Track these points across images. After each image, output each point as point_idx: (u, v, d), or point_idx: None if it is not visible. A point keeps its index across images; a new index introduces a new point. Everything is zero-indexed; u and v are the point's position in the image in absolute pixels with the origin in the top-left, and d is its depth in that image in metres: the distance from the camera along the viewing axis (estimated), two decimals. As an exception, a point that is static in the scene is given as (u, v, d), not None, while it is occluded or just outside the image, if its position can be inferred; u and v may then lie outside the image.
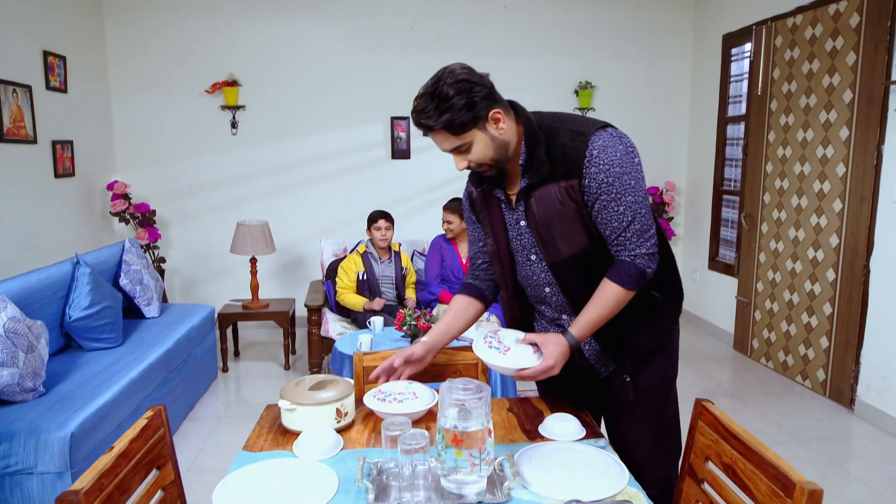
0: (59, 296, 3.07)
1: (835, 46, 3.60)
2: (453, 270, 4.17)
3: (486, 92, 1.45)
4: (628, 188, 1.48)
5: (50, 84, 3.95)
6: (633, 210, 1.49)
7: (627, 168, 1.47)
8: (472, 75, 1.45)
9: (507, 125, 1.49)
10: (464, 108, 1.41)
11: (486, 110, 1.45)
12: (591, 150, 1.46)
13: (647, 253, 1.52)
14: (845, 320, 3.60)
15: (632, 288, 1.53)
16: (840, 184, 3.60)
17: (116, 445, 1.30)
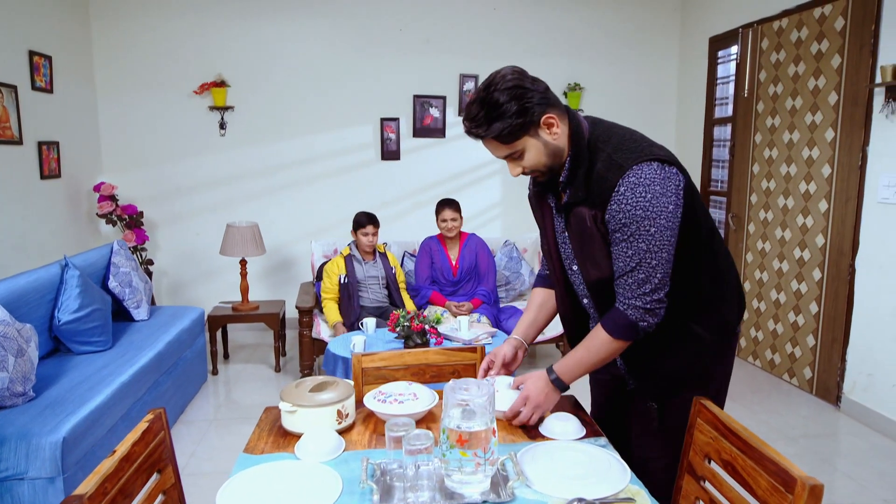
0: (48, 299, 3.03)
1: (820, 49, 3.66)
2: (443, 272, 4.16)
3: (540, 97, 1.41)
4: (644, 234, 1.38)
5: (36, 84, 3.90)
6: (640, 257, 1.40)
7: (652, 213, 1.37)
8: (525, 80, 1.41)
9: (562, 130, 1.45)
10: (515, 114, 1.37)
11: (539, 116, 1.41)
12: (621, 185, 1.38)
13: (641, 306, 1.44)
14: (831, 319, 3.66)
15: (620, 338, 1.48)
16: (826, 184, 3.66)
17: (118, 449, 1.28)
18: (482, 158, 5.15)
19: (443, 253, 4.19)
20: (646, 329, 1.48)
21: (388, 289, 4.11)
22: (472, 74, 5.10)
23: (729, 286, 1.59)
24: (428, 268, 4.21)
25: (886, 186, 3.25)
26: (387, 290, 4.11)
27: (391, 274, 4.12)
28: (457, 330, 3.39)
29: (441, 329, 3.37)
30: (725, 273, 1.58)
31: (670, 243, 1.42)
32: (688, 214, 1.45)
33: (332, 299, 4.00)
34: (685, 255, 1.47)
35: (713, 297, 1.55)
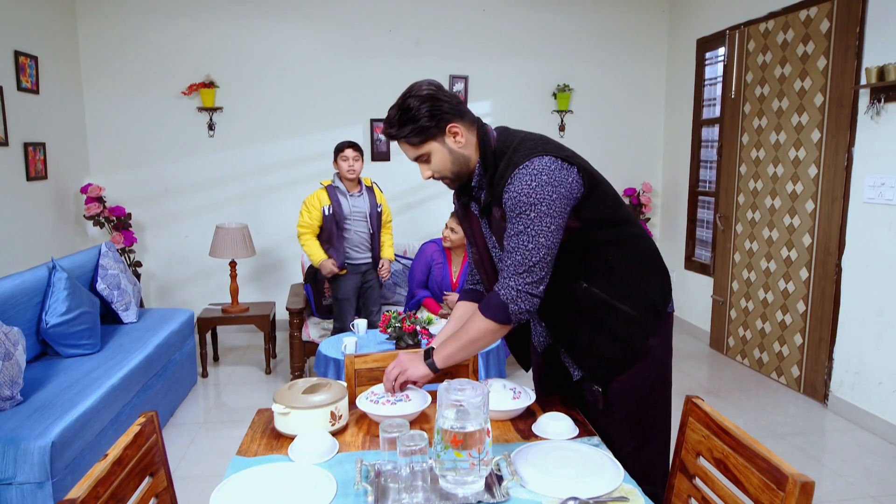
0: (35, 301, 3.00)
1: (806, 51, 3.70)
2: (440, 285, 3.97)
3: (449, 107, 1.52)
4: (524, 217, 1.47)
5: (21, 85, 3.86)
6: (517, 240, 1.49)
7: (534, 199, 1.46)
8: (439, 92, 1.54)
9: (467, 139, 1.57)
10: (423, 118, 1.50)
11: (445, 124, 1.53)
12: (513, 179, 1.49)
13: (514, 287, 1.50)
14: (818, 317, 3.70)
15: (489, 317, 1.54)
16: (812, 185, 3.70)
17: (111, 452, 1.28)
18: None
19: (445, 266, 3.97)
20: (517, 315, 1.53)
21: (372, 227, 3.85)
22: (461, 75, 5.11)
23: (649, 268, 1.67)
24: (424, 274, 4.03)
25: (872, 187, 3.29)
26: (370, 229, 3.85)
27: (377, 211, 3.87)
28: (448, 331, 3.38)
29: (433, 330, 3.37)
30: (645, 257, 1.67)
31: (549, 230, 1.49)
32: (593, 206, 1.56)
33: (311, 233, 3.74)
34: (600, 243, 1.59)
35: (634, 278, 1.63)
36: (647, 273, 1.66)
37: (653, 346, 1.65)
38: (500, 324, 1.55)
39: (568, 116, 5.30)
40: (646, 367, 1.65)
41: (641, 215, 5.35)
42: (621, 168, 5.45)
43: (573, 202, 1.52)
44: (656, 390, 1.69)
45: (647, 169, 5.52)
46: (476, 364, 1.95)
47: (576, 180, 1.52)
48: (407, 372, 1.67)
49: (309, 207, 3.77)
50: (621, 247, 1.63)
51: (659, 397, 1.70)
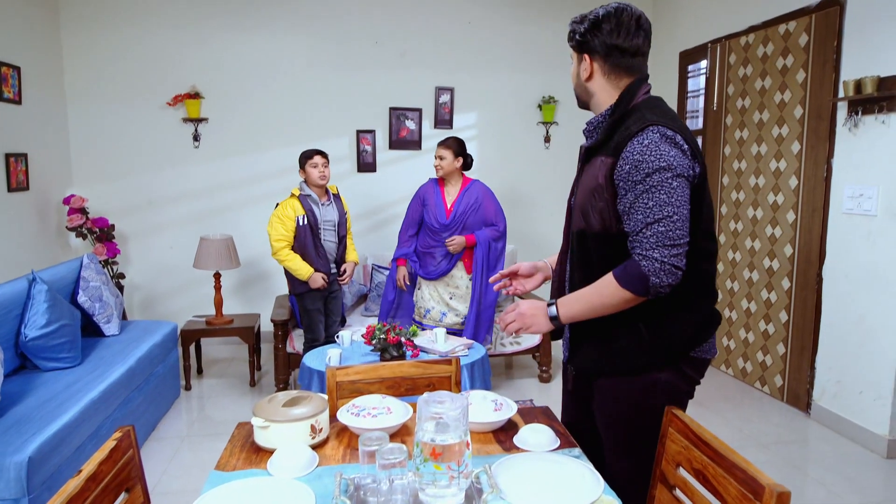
0: (14, 314, 2.96)
1: (785, 64, 3.76)
2: (436, 216, 3.78)
3: (599, 43, 1.55)
4: (666, 187, 1.41)
5: (3, 95, 3.83)
6: (661, 210, 1.41)
7: (674, 165, 1.42)
8: (615, 27, 1.54)
9: (596, 78, 1.60)
10: (577, 32, 1.59)
11: (582, 51, 1.59)
12: (644, 135, 1.44)
13: (658, 258, 1.41)
14: (800, 327, 3.74)
15: (627, 287, 1.44)
16: (793, 196, 3.75)
17: (85, 468, 1.26)
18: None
19: (439, 194, 3.80)
20: (657, 288, 1.43)
21: (339, 236, 3.82)
22: (447, 87, 5.13)
23: (692, 306, 1.55)
24: (417, 213, 3.85)
25: (850, 198, 3.34)
26: (338, 238, 3.81)
27: (343, 219, 3.84)
28: (433, 342, 3.38)
29: (417, 341, 3.36)
30: (696, 294, 1.55)
31: (688, 202, 1.44)
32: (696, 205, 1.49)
33: (289, 246, 3.64)
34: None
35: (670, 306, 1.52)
36: (687, 310, 1.54)
37: (656, 379, 1.57)
38: (637, 295, 1.45)
39: (553, 128, 5.34)
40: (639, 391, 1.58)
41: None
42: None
43: (692, 181, 1.47)
44: (647, 418, 1.58)
45: (631, 180, 5.55)
46: (458, 376, 1.95)
47: (689, 160, 1.47)
48: (530, 328, 1.61)
49: (283, 218, 3.62)
50: (690, 273, 1.49)
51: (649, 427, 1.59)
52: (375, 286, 4.53)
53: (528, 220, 5.43)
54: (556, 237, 5.75)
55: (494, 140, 5.29)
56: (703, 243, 1.54)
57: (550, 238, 5.51)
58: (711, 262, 1.59)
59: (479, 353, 3.33)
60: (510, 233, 5.35)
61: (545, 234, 5.48)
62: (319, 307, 3.76)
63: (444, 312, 3.84)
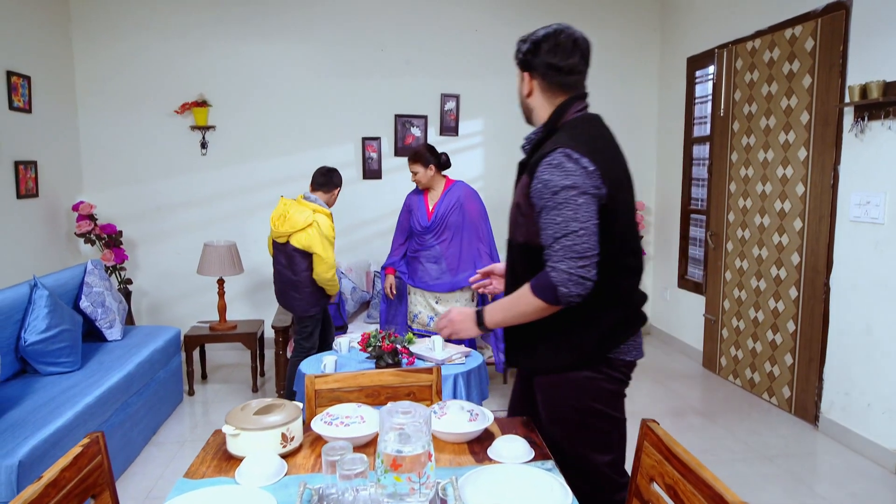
0: (15, 319, 3.00)
1: (791, 69, 3.69)
2: (419, 220, 3.79)
3: (539, 62, 1.68)
4: (572, 204, 1.52)
5: (13, 104, 3.91)
6: (567, 225, 1.52)
7: (571, 185, 1.52)
8: (552, 47, 1.68)
9: (535, 95, 1.71)
10: (521, 51, 1.72)
11: (523, 69, 1.71)
12: (550, 157, 1.55)
13: (565, 270, 1.51)
14: (808, 337, 3.65)
15: (537, 295, 1.56)
16: (800, 203, 3.67)
17: (46, 474, 1.26)
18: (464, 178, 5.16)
19: (422, 199, 3.81)
20: (567, 297, 1.52)
21: None
22: (452, 94, 5.13)
23: (604, 317, 1.65)
24: (406, 222, 3.87)
25: (858, 205, 3.26)
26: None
27: None
28: (431, 350, 3.36)
29: (414, 349, 3.34)
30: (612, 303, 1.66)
31: (595, 218, 1.54)
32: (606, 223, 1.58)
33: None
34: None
35: (585, 312, 1.62)
36: (598, 316, 1.64)
37: (579, 377, 1.68)
38: (549, 304, 1.56)
39: (560, 134, 5.30)
40: (566, 388, 1.69)
41: (634, 233, 5.32)
42: (614, 186, 5.44)
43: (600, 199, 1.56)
44: (580, 415, 1.69)
45: (640, 187, 5.45)
46: (440, 385, 1.93)
47: (601, 189, 1.56)
48: (460, 333, 1.76)
49: (332, 240, 3.56)
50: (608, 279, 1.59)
51: (590, 426, 1.69)
52: (378, 293, 4.53)
53: (534, 228, 5.39)
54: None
55: (500, 147, 5.26)
56: (624, 259, 1.64)
57: (557, 245, 5.46)
58: (632, 277, 1.71)
59: (476, 360, 3.30)
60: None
61: (552, 241, 5.43)
62: (320, 317, 3.77)
63: (431, 317, 3.82)
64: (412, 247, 3.88)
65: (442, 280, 3.76)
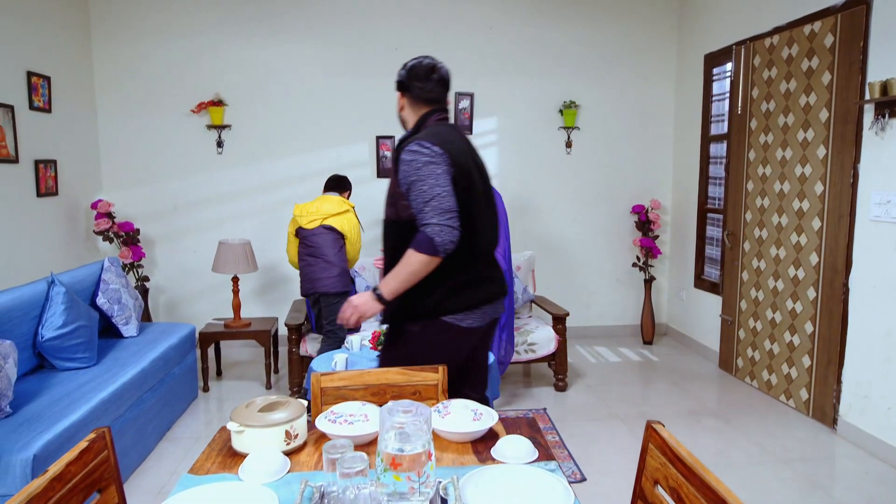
0: (32, 315, 3.05)
1: (810, 66, 3.62)
2: None
3: (407, 85, 2.11)
4: (433, 174, 1.92)
5: (33, 104, 3.98)
6: (433, 192, 1.90)
7: (428, 161, 1.93)
8: (417, 76, 2.10)
9: (406, 110, 2.15)
10: (398, 77, 2.15)
11: (402, 90, 2.13)
12: (409, 146, 1.98)
13: (436, 223, 1.89)
14: (826, 339, 3.59)
15: (419, 250, 1.90)
16: (819, 202, 3.60)
17: (51, 469, 1.28)
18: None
19: None
20: (444, 245, 1.89)
21: None
22: (467, 93, 5.12)
23: (452, 278, 1.99)
24: None
25: (878, 204, 3.19)
26: None
27: None
28: (442, 348, 3.36)
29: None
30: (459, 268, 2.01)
31: (451, 185, 1.93)
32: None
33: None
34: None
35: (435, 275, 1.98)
36: (444, 280, 1.99)
37: (410, 329, 2.07)
38: (430, 255, 1.90)
39: (574, 133, 5.27)
40: (401, 339, 2.11)
41: (650, 233, 5.27)
42: (630, 184, 5.39)
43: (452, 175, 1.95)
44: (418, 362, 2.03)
45: (656, 185, 5.44)
46: (445, 384, 1.92)
47: (446, 160, 1.94)
48: (360, 309, 2.03)
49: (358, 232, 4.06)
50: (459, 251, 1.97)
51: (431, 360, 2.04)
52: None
53: (549, 225, 5.37)
54: (576, 242, 5.69)
55: (515, 146, 5.25)
56: (473, 234, 2.02)
57: (571, 243, 5.43)
58: (476, 252, 2.06)
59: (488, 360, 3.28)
60: (530, 237, 5.31)
61: (566, 238, 5.40)
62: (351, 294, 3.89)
63: None
64: None
65: None
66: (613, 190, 5.39)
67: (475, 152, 2.14)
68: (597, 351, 5.17)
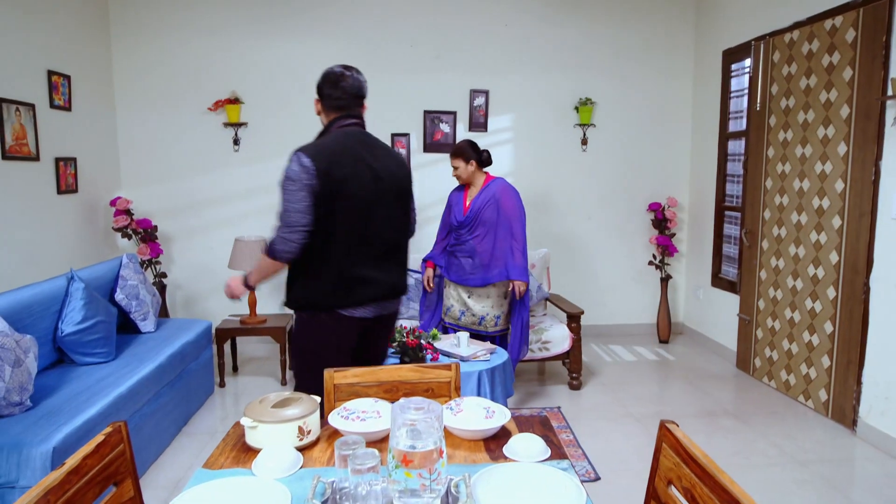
0: (53, 311, 3.10)
1: (831, 62, 3.56)
2: (456, 216, 3.82)
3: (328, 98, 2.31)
4: (289, 190, 2.11)
5: (54, 102, 4.04)
6: (284, 206, 2.12)
7: (289, 178, 2.12)
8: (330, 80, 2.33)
9: (322, 115, 2.36)
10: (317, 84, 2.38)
11: (317, 94, 2.35)
12: (290, 158, 2.15)
13: (279, 235, 2.12)
14: (846, 339, 3.53)
15: (266, 253, 2.18)
16: (839, 200, 3.55)
17: (68, 462, 1.30)
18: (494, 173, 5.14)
19: (461, 196, 3.84)
20: (280, 254, 2.14)
21: None
22: (482, 90, 5.11)
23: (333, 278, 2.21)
24: (447, 217, 3.91)
25: (900, 202, 3.13)
26: None
27: None
28: (455, 346, 3.36)
29: (439, 345, 3.35)
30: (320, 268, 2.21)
31: (304, 202, 2.10)
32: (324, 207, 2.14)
33: None
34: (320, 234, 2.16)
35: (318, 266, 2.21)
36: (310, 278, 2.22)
37: (301, 316, 2.29)
38: (273, 258, 2.16)
39: (590, 130, 5.23)
40: (299, 325, 2.31)
41: (666, 230, 5.22)
42: (646, 182, 5.35)
43: (313, 189, 2.11)
44: (299, 348, 2.34)
45: (672, 183, 5.39)
46: (458, 381, 1.92)
47: (312, 182, 2.10)
48: (231, 288, 2.37)
49: None
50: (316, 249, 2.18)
51: (300, 358, 2.35)
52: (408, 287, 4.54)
53: (564, 222, 5.34)
54: (592, 240, 5.65)
55: (530, 143, 5.22)
56: (345, 237, 2.19)
57: (587, 241, 5.40)
58: (352, 255, 2.22)
59: (501, 358, 3.28)
60: (546, 234, 5.28)
61: (581, 236, 5.37)
62: None
63: (463, 311, 3.81)
64: (450, 241, 3.90)
65: (475, 275, 3.75)
66: (629, 187, 5.35)
67: (376, 159, 2.26)
68: (612, 349, 5.13)
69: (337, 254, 2.18)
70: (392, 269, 2.32)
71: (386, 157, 2.32)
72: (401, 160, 2.46)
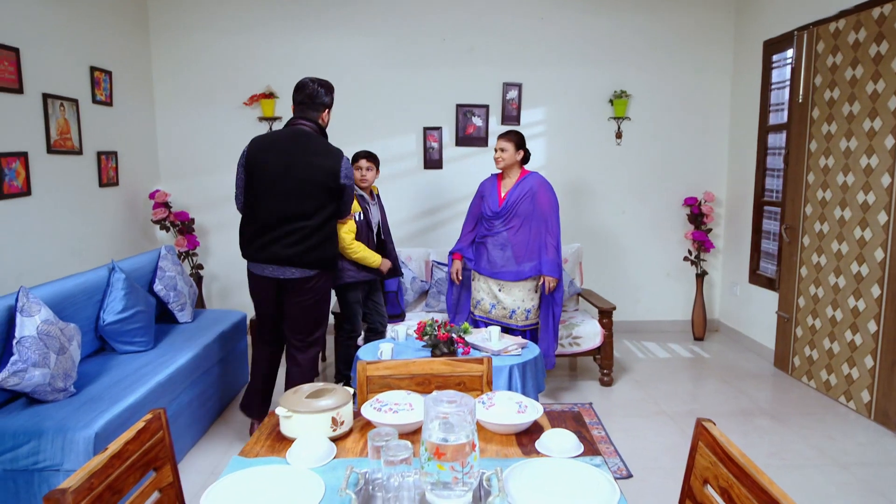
0: (95, 300, 3.19)
1: (879, 51, 3.44)
2: (490, 206, 3.77)
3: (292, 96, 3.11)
4: (238, 171, 3.10)
5: (96, 98, 4.14)
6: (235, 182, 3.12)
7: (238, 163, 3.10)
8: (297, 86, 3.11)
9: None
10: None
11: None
12: None
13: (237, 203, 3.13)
14: (891, 339, 3.42)
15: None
16: (885, 195, 3.43)
17: (110, 447, 1.33)
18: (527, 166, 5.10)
19: (495, 186, 3.80)
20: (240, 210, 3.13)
21: (381, 233, 3.91)
22: (515, 83, 5.07)
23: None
24: (477, 209, 3.87)
25: (951, 197, 3.01)
26: (379, 236, 3.90)
27: (385, 218, 3.97)
28: (487, 340, 3.35)
29: (470, 339, 3.35)
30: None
31: (240, 180, 3.04)
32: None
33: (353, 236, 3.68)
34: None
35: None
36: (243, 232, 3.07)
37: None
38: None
39: (625, 123, 5.16)
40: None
41: (703, 226, 5.12)
42: (682, 176, 5.25)
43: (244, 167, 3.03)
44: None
45: (709, 177, 5.28)
46: (490, 375, 1.92)
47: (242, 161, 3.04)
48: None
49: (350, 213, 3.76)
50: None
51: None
52: (436, 282, 4.55)
53: (597, 217, 5.28)
54: (626, 235, 5.58)
55: (563, 136, 5.17)
56: (251, 210, 3.00)
57: (620, 235, 5.33)
58: (252, 224, 3.00)
59: (533, 352, 3.26)
60: (578, 229, 5.23)
61: (614, 231, 5.31)
62: (359, 299, 3.81)
63: (493, 304, 3.80)
64: (480, 232, 3.87)
65: (507, 268, 3.73)
66: (665, 182, 5.26)
67: (294, 149, 2.88)
68: (645, 346, 5.07)
69: (254, 216, 2.95)
70: (282, 239, 2.91)
71: (313, 154, 2.89)
72: (329, 163, 2.92)
